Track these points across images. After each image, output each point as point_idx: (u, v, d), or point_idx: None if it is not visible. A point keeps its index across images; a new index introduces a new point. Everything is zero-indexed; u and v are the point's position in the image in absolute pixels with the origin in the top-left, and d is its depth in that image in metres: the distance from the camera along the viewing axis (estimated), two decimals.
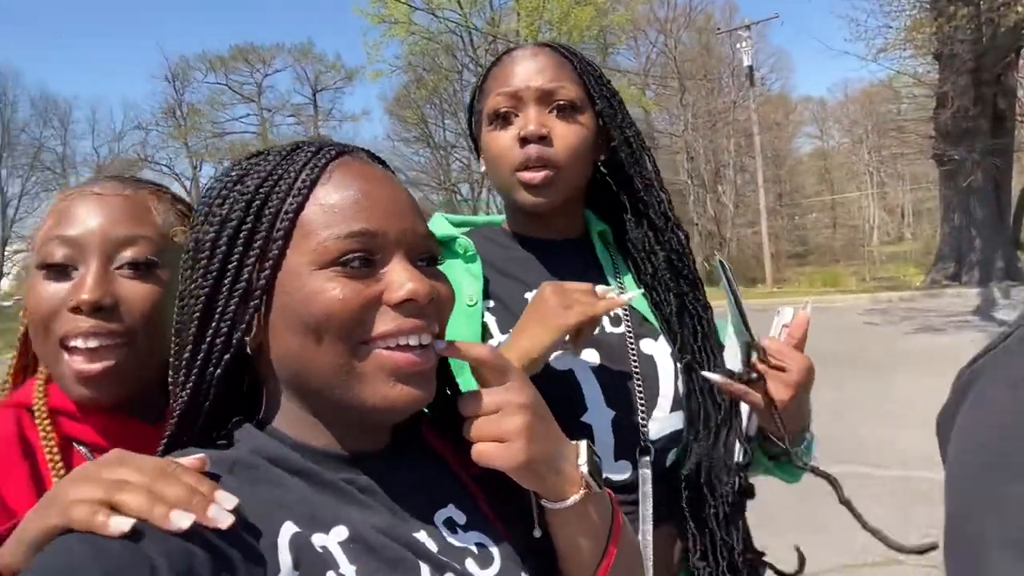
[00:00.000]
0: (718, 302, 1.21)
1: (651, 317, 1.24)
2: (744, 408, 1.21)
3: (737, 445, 1.19)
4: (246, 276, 0.69)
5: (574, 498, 0.75)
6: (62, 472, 0.92)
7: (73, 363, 0.92)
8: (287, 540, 0.62)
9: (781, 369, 1.11)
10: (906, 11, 16.14)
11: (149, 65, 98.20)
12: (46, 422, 0.96)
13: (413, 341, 0.69)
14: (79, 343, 0.92)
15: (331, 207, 0.69)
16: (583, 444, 0.79)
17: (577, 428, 1.12)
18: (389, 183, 0.75)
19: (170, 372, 0.74)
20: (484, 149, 1.26)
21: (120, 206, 0.98)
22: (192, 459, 0.63)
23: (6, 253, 35.68)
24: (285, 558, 0.61)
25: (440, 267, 0.77)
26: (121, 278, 0.95)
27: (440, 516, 0.75)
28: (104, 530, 0.54)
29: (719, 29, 30.20)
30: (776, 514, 4.52)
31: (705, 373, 1.14)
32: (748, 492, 1.21)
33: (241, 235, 0.69)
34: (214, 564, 0.56)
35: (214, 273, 0.70)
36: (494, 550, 0.75)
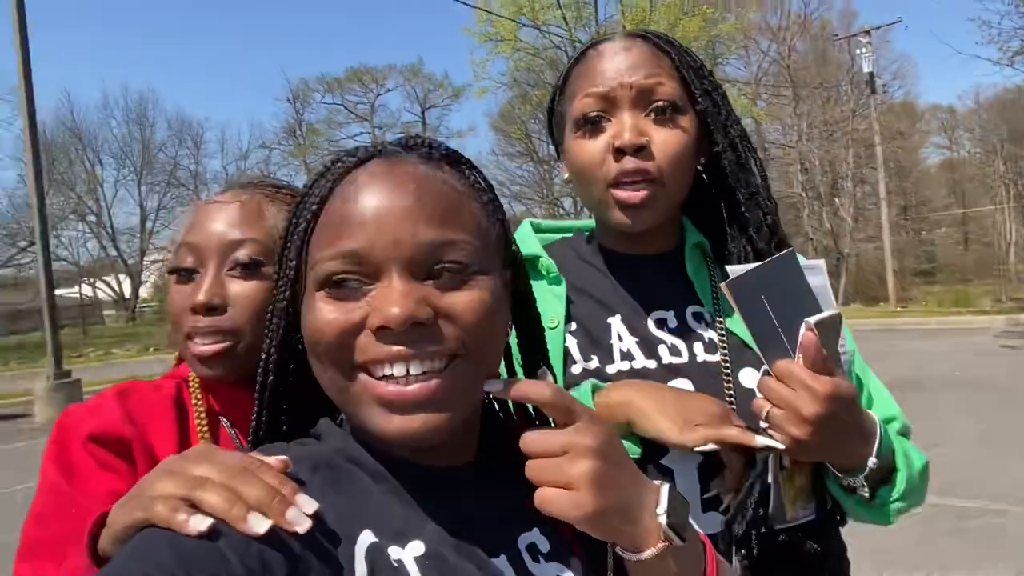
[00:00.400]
0: (852, 320, 1.05)
1: (753, 343, 1.09)
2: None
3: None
4: (280, 296, 0.72)
5: (650, 552, 0.67)
6: (207, 436, 1.06)
7: (193, 350, 1.05)
8: (364, 549, 0.62)
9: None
10: None
11: (273, 87, 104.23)
12: (198, 392, 1.10)
13: (398, 371, 0.64)
14: (197, 340, 1.04)
15: (328, 225, 0.68)
16: (664, 489, 0.71)
17: (655, 472, 1.00)
18: (402, 186, 0.67)
19: None
20: (570, 158, 1.11)
21: (235, 212, 1.08)
22: (275, 460, 0.63)
23: (144, 263, 38.71)
24: (361, 568, 0.61)
25: (481, 277, 0.68)
26: (232, 279, 1.05)
27: (524, 540, 0.72)
28: (184, 528, 0.55)
29: (836, 35, 28.85)
30: (896, 554, 4.22)
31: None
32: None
33: (284, 254, 0.73)
34: (290, 566, 0.56)
35: (274, 293, 0.74)
36: None
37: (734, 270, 0.97)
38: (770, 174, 1.20)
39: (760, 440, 0.93)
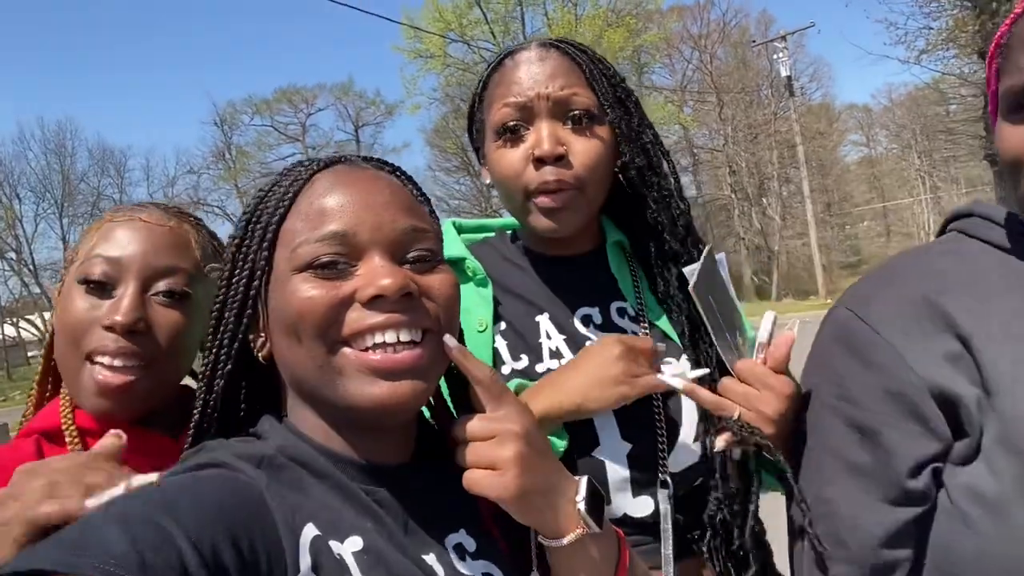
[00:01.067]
0: (756, 319, 1.13)
1: (674, 335, 1.13)
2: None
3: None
4: (242, 287, 0.73)
5: (570, 537, 0.73)
6: None
7: (95, 374, 0.96)
8: (308, 541, 0.64)
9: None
10: (946, 11, 15.76)
11: (199, 112, 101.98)
12: (76, 441, 0.98)
13: (390, 337, 0.69)
14: (105, 360, 0.96)
15: (307, 214, 0.72)
16: (583, 480, 0.76)
17: (588, 465, 1.04)
18: (373, 183, 0.75)
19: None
20: (491, 166, 1.14)
21: (164, 236, 1.03)
22: (109, 433, 0.70)
23: None
24: (305, 559, 0.63)
25: (444, 265, 0.76)
26: (155, 304, 1.00)
27: (451, 540, 0.75)
28: (79, 510, 0.60)
29: (754, 41, 29.98)
30: None
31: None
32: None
33: (240, 250, 0.74)
34: (239, 554, 0.57)
35: (223, 289, 0.75)
36: None
37: (688, 272, 1.01)
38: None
39: (667, 376, 1.00)
